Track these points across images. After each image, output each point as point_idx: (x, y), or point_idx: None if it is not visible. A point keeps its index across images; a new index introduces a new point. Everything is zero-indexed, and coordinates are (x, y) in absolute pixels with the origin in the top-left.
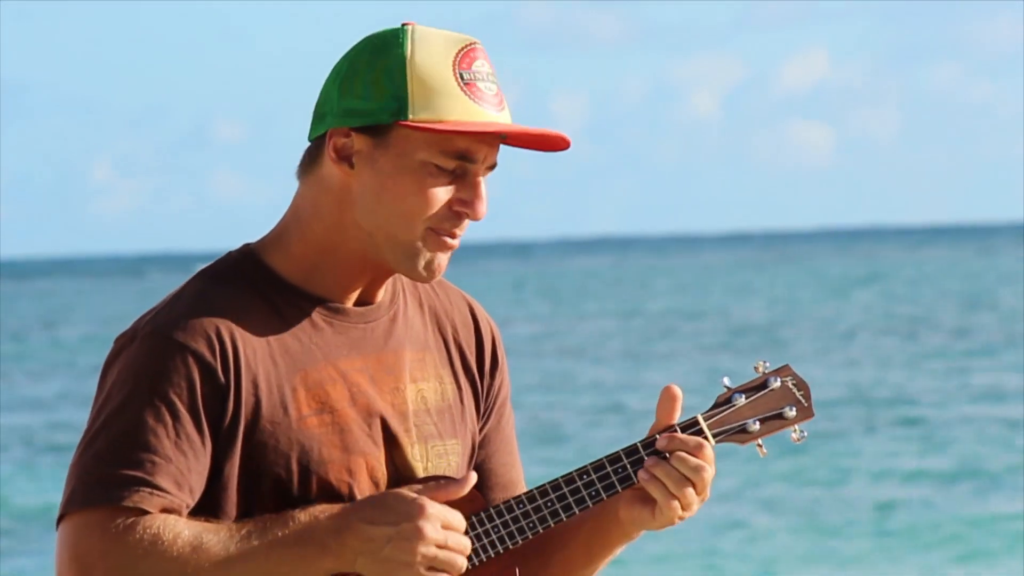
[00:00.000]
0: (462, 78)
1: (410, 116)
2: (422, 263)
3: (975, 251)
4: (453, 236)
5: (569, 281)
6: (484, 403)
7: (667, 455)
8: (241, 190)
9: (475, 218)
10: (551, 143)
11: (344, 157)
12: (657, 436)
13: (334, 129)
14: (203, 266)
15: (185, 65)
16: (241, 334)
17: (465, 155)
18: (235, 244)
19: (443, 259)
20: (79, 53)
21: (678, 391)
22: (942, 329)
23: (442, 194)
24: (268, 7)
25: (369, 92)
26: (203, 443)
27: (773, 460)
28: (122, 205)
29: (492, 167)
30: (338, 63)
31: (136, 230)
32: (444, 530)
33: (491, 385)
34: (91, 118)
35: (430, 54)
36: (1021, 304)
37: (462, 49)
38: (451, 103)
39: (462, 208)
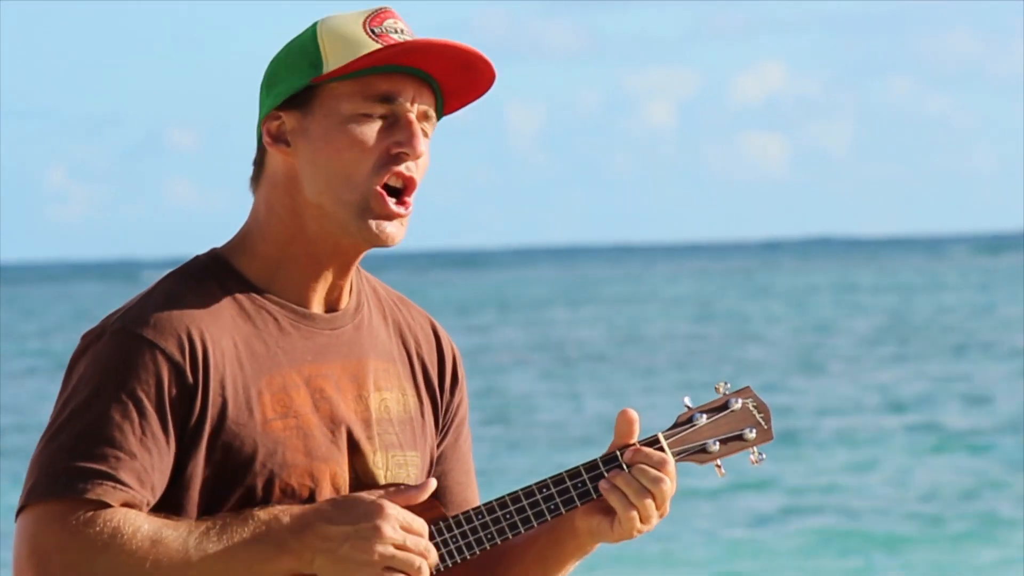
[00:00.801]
0: (373, 32)
1: (324, 70)
2: (373, 223)
3: (927, 261)
4: (402, 181)
5: (521, 291)
6: (443, 419)
7: (629, 468)
8: (195, 198)
9: (414, 156)
10: (478, 78)
11: (279, 139)
12: (618, 452)
13: (265, 117)
14: (156, 272)
15: (139, 72)
16: (210, 335)
17: (389, 96)
18: (189, 251)
19: (394, 226)
20: (33, 59)
21: (634, 414)
22: (890, 339)
23: (375, 139)
24: (222, 14)
25: (288, 71)
26: (168, 442)
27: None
28: (77, 212)
29: (428, 116)
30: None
31: (91, 237)
32: (404, 532)
33: (451, 402)
34: (46, 124)
35: (339, 22)
36: (973, 314)
37: (372, 13)
38: (364, 51)
39: (399, 149)
